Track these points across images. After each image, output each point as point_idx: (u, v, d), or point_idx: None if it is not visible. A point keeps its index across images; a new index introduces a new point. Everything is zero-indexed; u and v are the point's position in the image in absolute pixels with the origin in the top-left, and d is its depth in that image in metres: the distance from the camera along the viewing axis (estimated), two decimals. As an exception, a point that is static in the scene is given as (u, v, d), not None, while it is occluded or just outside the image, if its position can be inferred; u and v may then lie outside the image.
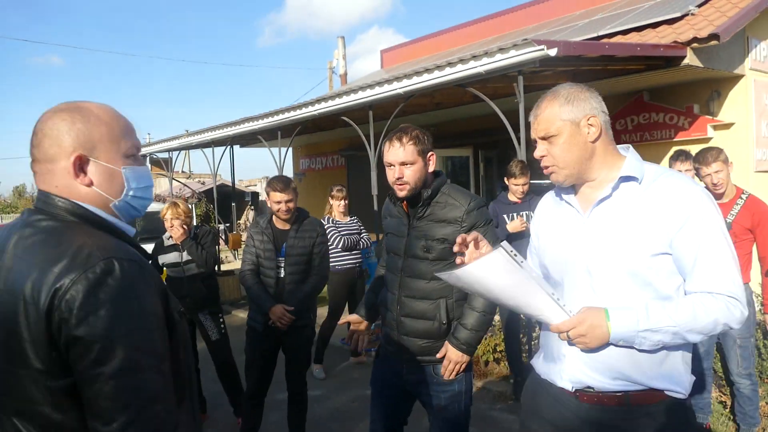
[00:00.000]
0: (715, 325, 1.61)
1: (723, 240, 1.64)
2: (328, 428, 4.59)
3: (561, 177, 1.78)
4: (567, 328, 1.65)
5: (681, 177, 1.74)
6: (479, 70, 5.87)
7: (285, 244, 3.88)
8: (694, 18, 7.40)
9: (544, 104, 1.78)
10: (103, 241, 1.29)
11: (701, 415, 4.01)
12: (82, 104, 1.38)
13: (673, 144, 7.68)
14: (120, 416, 1.17)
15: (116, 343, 1.18)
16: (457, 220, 2.50)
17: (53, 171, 1.35)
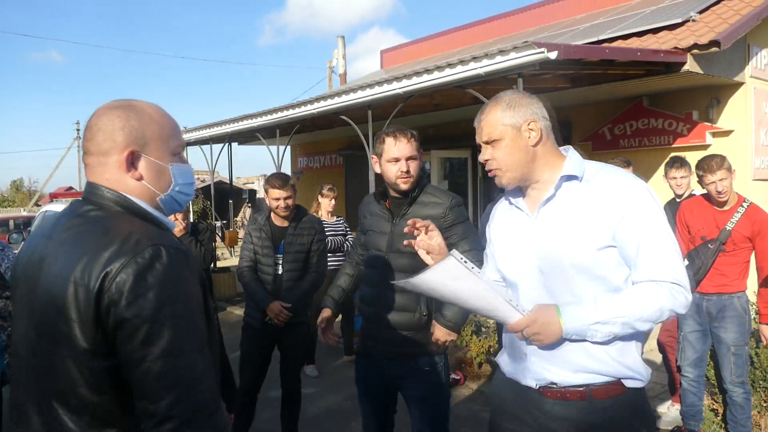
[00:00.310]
0: (661, 312, 1.67)
1: (663, 230, 1.71)
2: (320, 426, 4.58)
3: (505, 180, 1.84)
4: (521, 327, 1.72)
5: (620, 172, 1.80)
6: (479, 72, 5.87)
7: (283, 241, 3.87)
8: (695, 24, 7.41)
9: (488, 110, 1.85)
10: (148, 230, 1.35)
11: (692, 422, 4.00)
12: (135, 102, 1.46)
13: (671, 150, 7.68)
14: (167, 395, 1.22)
15: (163, 325, 1.23)
16: (439, 216, 2.63)
17: (105, 164, 1.41)
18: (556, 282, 1.78)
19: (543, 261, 1.79)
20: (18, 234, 8.44)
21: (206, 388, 1.28)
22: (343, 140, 13.78)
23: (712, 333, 3.83)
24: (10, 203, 46.99)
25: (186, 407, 1.24)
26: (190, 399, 1.25)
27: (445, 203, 2.69)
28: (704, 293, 3.79)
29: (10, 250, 4.71)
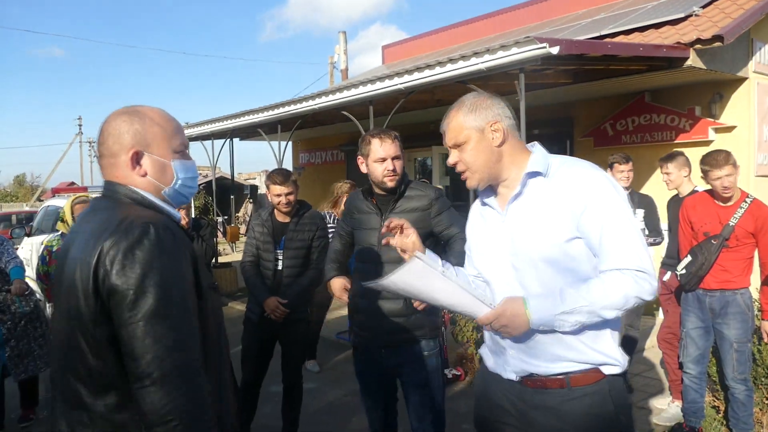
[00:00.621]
0: (626, 299, 1.69)
1: (624, 219, 1.74)
2: (321, 421, 4.58)
3: (474, 181, 1.89)
4: (489, 320, 1.76)
5: (581, 164, 1.84)
6: (480, 67, 5.85)
7: (284, 237, 3.86)
8: (698, 19, 7.37)
9: (452, 115, 1.90)
10: (145, 213, 1.53)
11: (693, 419, 4.00)
12: (140, 108, 1.65)
13: (673, 146, 7.65)
14: (148, 354, 1.37)
15: (148, 292, 1.39)
16: (425, 208, 2.88)
17: (115, 164, 1.61)
18: (527, 276, 1.82)
19: (514, 257, 1.85)
20: (20, 229, 8.44)
21: (187, 353, 1.41)
22: (345, 136, 13.75)
23: (714, 329, 3.82)
24: (12, 198, 47.08)
25: (165, 366, 1.37)
26: (170, 359, 1.38)
27: (430, 195, 2.92)
28: (707, 289, 3.78)
29: (9, 244, 4.72)
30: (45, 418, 4.81)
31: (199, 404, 1.41)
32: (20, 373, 4.58)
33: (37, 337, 4.70)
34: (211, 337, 1.57)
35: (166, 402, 1.36)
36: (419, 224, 2.70)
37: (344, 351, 6.49)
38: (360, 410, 4.78)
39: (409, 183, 2.98)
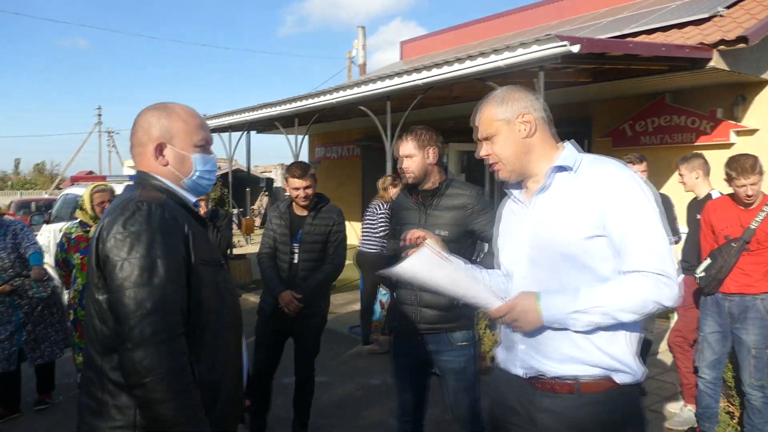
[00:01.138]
0: (644, 303, 1.65)
1: (650, 220, 1.70)
2: (332, 415, 4.60)
3: (505, 173, 1.90)
4: (501, 314, 1.77)
5: (612, 163, 1.81)
6: (500, 64, 5.82)
7: (301, 231, 3.84)
8: (722, 20, 7.27)
9: (482, 108, 1.92)
10: (150, 194, 1.69)
11: (707, 424, 3.95)
12: (169, 104, 1.83)
13: (693, 148, 7.55)
14: (130, 320, 1.51)
15: (133, 262, 1.54)
16: (465, 206, 2.98)
17: (144, 153, 1.79)
18: (544, 271, 1.81)
19: (534, 250, 1.83)
20: (39, 216, 8.55)
21: (165, 318, 1.53)
22: (361, 131, 13.76)
23: (733, 334, 3.77)
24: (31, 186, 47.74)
25: (144, 331, 1.50)
26: (149, 324, 1.50)
27: (470, 194, 3.01)
28: (726, 293, 3.73)
29: (30, 231, 4.79)
30: (61, 402, 4.89)
31: (176, 366, 1.52)
32: (36, 358, 4.64)
33: (54, 323, 4.76)
34: (209, 307, 1.68)
35: (144, 364, 1.48)
36: (457, 222, 2.95)
37: (356, 345, 6.51)
38: (371, 404, 4.80)
39: (452, 181, 3.09)
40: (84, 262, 4.16)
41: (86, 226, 4.35)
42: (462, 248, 2.87)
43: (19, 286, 4.57)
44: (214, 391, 1.68)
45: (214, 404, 1.67)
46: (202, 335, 1.65)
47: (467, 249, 2.98)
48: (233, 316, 1.80)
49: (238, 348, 1.83)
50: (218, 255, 1.79)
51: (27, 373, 4.77)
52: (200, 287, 1.66)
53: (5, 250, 4.51)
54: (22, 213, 18.53)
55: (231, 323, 1.78)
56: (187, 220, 1.70)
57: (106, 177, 9.01)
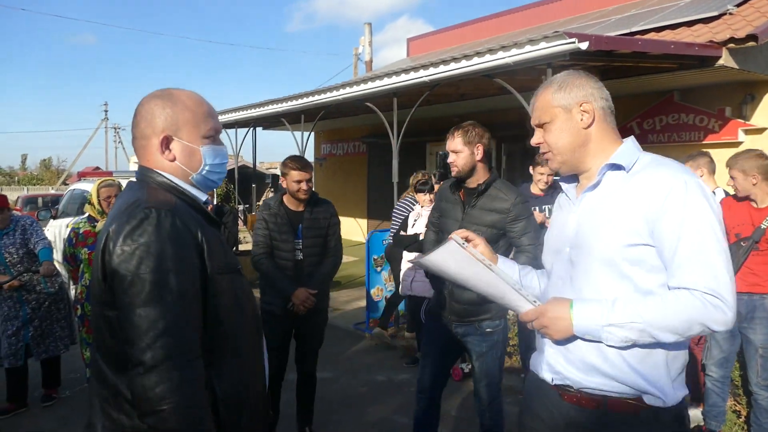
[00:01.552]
0: (689, 325, 1.50)
1: (709, 233, 1.52)
2: (337, 411, 4.60)
3: (556, 164, 1.78)
4: (531, 318, 1.67)
5: (672, 165, 1.63)
6: (507, 61, 5.79)
7: (300, 226, 3.76)
8: (732, 18, 7.22)
9: (540, 92, 1.79)
10: (158, 196, 1.53)
11: (714, 422, 3.94)
12: (173, 91, 1.64)
13: (701, 146, 7.52)
14: (141, 341, 1.37)
15: (143, 277, 1.39)
16: (504, 210, 3.04)
17: (147, 147, 1.62)
18: (581, 275, 1.68)
19: (574, 251, 1.71)
20: (46, 211, 8.58)
21: (180, 340, 1.40)
22: (367, 128, 13.75)
23: (741, 333, 3.76)
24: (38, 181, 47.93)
25: (156, 354, 1.36)
26: (162, 347, 1.37)
27: (511, 200, 3.05)
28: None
29: (39, 226, 4.80)
30: (67, 397, 4.91)
31: (191, 394, 1.39)
32: (41, 353, 4.66)
33: (60, 318, 4.77)
34: (228, 319, 1.54)
35: (157, 391, 1.35)
36: (495, 225, 3.05)
37: (361, 341, 6.51)
38: (376, 401, 4.79)
39: (494, 182, 3.14)
40: (92, 257, 4.17)
41: (94, 221, 4.36)
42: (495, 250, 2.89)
43: (28, 281, 4.58)
44: (237, 407, 1.56)
45: (239, 421, 1.56)
46: (221, 350, 1.53)
47: (500, 251, 2.98)
48: (253, 324, 1.67)
49: (259, 359, 1.69)
50: (234, 259, 1.65)
51: (33, 369, 4.79)
52: (218, 299, 1.52)
53: (14, 245, 4.52)
54: (29, 208, 18.60)
55: (251, 333, 1.65)
56: (200, 224, 1.54)
57: (112, 173, 9.03)
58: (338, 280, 9.76)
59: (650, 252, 1.57)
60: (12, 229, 4.56)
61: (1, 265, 4.48)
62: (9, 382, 4.60)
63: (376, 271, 6.81)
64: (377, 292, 6.82)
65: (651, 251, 1.57)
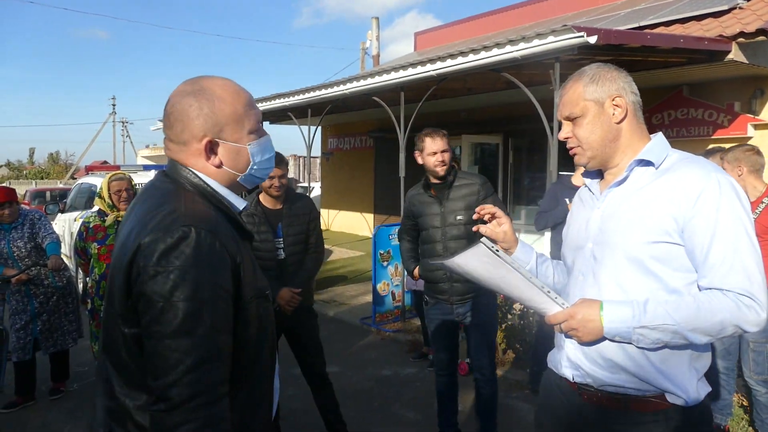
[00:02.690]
0: (722, 327, 1.48)
1: (743, 234, 1.51)
2: (343, 405, 4.57)
3: (584, 159, 1.73)
4: (559, 321, 1.63)
5: (704, 164, 1.60)
6: (515, 55, 5.76)
7: (280, 224, 3.63)
8: (742, 12, 7.16)
9: (569, 84, 1.74)
10: (197, 209, 1.37)
11: (720, 416, 3.92)
12: (206, 84, 1.44)
13: (710, 141, 7.49)
14: (168, 376, 1.24)
15: (176, 306, 1.25)
16: (475, 192, 3.53)
17: (186, 151, 1.44)
18: (605, 271, 1.66)
19: (597, 246, 1.69)
20: (54, 205, 8.62)
21: (209, 376, 1.27)
22: (374, 122, 13.73)
23: None
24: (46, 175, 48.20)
25: (183, 392, 1.24)
26: (189, 384, 1.24)
27: (477, 182, 3.55)
28: None
29: (47, 220, 4.83)
30: (75, 391, 4.94)
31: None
32: (50, 347, 4.69)
33: (68, 312, 4.80)
34: (251, 347, 1.43)
35: (180, 430, 1.24)
36: (470, 206, 3.43)
37: (368, 336, 6.52)
38: (382, 395, 4.80)
39: (456, 173, 3.59)
40: (101, 252, 4.19)
41: (104, 215, 4.35)
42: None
43: (36, 275, 4.61)
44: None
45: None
46: (240, 380, 1.41)
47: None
48: (270, 349, 1.54)
49: (271, 383, 1.57)
50: (264, 282, 1.51)
51: (42, 362, 4.83)
52: (246, 327, 1.40)
53: (23, 239, 4.55)
54: (37, 202, 18.72)
55: (268, 359, 1.52)
56: (236, 242, 1.40)
57: (120, 166, 9.06)
58: (345, 275, 9.78)
59: (678, 251, 1.56)
60: (20, 223, 4.59)
61: (9, 258, 4.51)
62: (17, 376, 4.63)
63: (383, 266, 6.81)
64: (383, 287, 6.83)
65: (679, 250, 1.56)
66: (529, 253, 1.96)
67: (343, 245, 13.19)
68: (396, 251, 6.89)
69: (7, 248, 4.50)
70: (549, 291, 1.65)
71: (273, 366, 1.57)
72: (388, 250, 6.80)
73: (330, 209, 16.39)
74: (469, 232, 3.45)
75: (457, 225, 3.52)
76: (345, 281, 9.32)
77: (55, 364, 4.84)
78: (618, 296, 1.62)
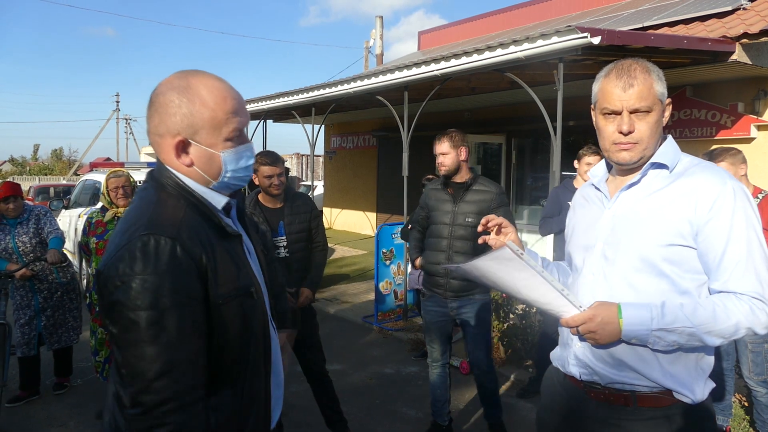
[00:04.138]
0: (736, 329, 1.52)
1: (755, 240, 1.56)
2: (345, 402, 4.61)
3: (637, 156, 1.65)
4: (577, 324, 1.62)
5: (717, 171, 1.63)
6: (519, 56, 5.77)
7: (282, 223, 3.66)
8: (746, 12, 7.16)
9: (641, 76, 1.62)
10: (164, 215, 1.36)
11: (721, 417, 3.93)
12: (193, 81, 1.42)
13: (713, 142, 7.49)
14: (137, 383, 1.26)
15: (138, 314, 1.26)
16: (489, 199, 3.65)
17: (161, 145, 1.45)
18: (617, 271, 1.67)
19: (609, 247, 1.70)
20: (58, 201, 8.65)
21: (179, 381, 1.28)
22: (378, 121, 13.75)
23: None
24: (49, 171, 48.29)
25: (151, 398, 1.25)
26: (158, 391, 1.26)
27: (494, 191, 3.69)
28: None
29: (52, 216, 4.85)
30: (79, 386, 4.97)
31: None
32: (54, 343, 4.71)
33: (72, 309, 4.82)
34: (234, 347, 1.42)
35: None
36: (481, 212, 3.58)
37: (369, 334, 6.55)
38: (384, 393, 4.82)
39: (478, 178, 3.73)
40: (99, 246, 4.22)
41: (106, 211, 4.39)
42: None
43: (40, 270, 4.63)
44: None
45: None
46: (222, 380, 1.41)
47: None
48: (260, 348, 1.51)
49: (265, 382, 1.54)
50: (248, 280, 1.47)
51: (46, 357, 4.86)
52: (224, 328, 1.39)
53: (27, 234, 4.57)
54: (41, 198, 18.78)
55: (256, 357, 1.49)
56: (208, 244, 1.38)
57: (123, 163, 9.08)
58: (347, 273, 9.80)
59: (690, 253, 1.59)
60: (26, 219, 4.62)
61: (14, 254, 4.54)
62: (22, 371, 4.67)
63: (385, 265, 6.83)
64: (386, 285, 6.85)
65: (691, 253, 1.59)
66: (534, 258, 1.96)
67: (345, 244, 13.22)
68: (398, 250, 6.92)
69: (12, 243, 4.53)
70: (568, 294, 1.65)
71: (267, 364, 1.54)
72: (391, 249, 6.82)
73: (333, 208, 16.41)
74: (475, 235, 3.39)
75: (465, 226, 3.64)
76: (347, 279, 9.35)
77: (59, 360, 4.87)
78: (629, 296, 1.63)
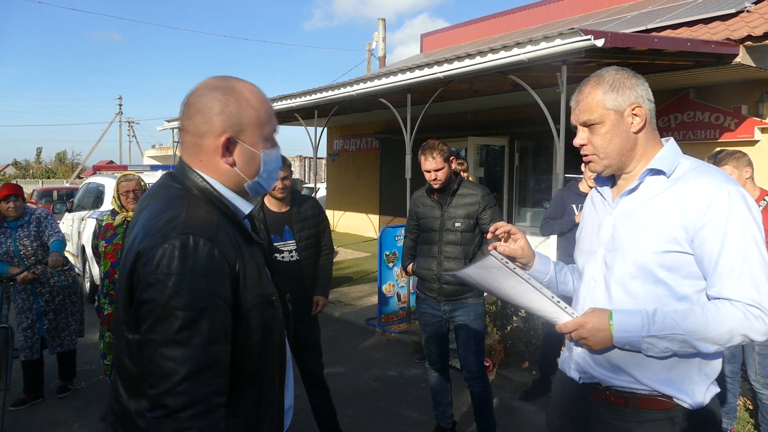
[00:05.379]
0: (730, 336, 1.50)
1: (752, 244, 1.52)
2: (348, 405, 4.63)
3: (600, 167, 1.71)
4: (569, 330, 1.63)
5: (715, 174, 1.60)
6: (522, 58, 5.77)
7: (287, 227, 3.62)
8: (750, 15, 7.14)
9: (588, 89, 1.68)
10: (199, 216, 1.35)
11: (726, 420, 3.92)
12: (235, 84, 1.44)
13: (717, 145, 7.48)
14: (162, 384, 1.24)
15: (173, 314, 1.24)
16: (475, 202, 3.64)
17: (200, 146, 1.43)
18: (615, 277, 1.67)
19: (609, 253, 1.70)
20: (62, 204, 8.68)
21: (204, 386, 1.26)
22: (380, 124, 13.75)
23: None
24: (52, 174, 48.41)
25: (176, 400, 1.23)
26: (184, 393, 1.24)
27: (479, 193, 3.66)
28: None
29: (54, 219, 4.86)
30: (82, 389, 4.97)
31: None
32: (56, 347, 4.71)
33: (75, 312, 4.82)
34: (254, 354, 1.41)
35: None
36: (469, 215, 3.61)
37: (372, 337, 6.54)
38: (387, 395, 4.82)
39: (462, 182, 3.71)
40: (107, 250, 4.21)
41: (116, 214, 4.37)
42: (473, 237, 3.64)
43: (42, 274, 4.63)
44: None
45: None
46: (243, 387, 1.40)
47: (476, 237, 3.65)
48: (278, 355, 1.50)
49: (279, 390, 1.54)
50: (270, 287, 1.48)
51: (49, 360, 4.86)
52: (248, 335, 1.38)
53: (29, 237, 4.57)
54: (44, 201, 18.81)
55: (274, 365, 1.49)
56: (239, 250, 1.38)
57: (127, 166, 9.11)
58: (350, 276, 9.80)
59: (687, 259, 1.57)
60: (27, 222, 4.62)
61: (15, 257, 4.54)
62: (25, 374, 4.67)
63: (388, 267, 6.82)
64: (389, 288, 6.84)
65: (688, 258, 1.57)
66: (547, 263, 1.96)
67: (348, 246, 13.22)
68: (402, 252, 6.91)
69: (13, 246, 4.53)
70: (559, 301, 1.66)
71: (282, 372, 1.54)
72: (394, 252, 6.81)
73: (335, 210, 16.41)
74: (465, 240, 3.62)
75: (454, 231, 3.63)
76: (350, 282, 9.34)
77: (63, 363, 4.87)
78: (627, 303, 1.63)
